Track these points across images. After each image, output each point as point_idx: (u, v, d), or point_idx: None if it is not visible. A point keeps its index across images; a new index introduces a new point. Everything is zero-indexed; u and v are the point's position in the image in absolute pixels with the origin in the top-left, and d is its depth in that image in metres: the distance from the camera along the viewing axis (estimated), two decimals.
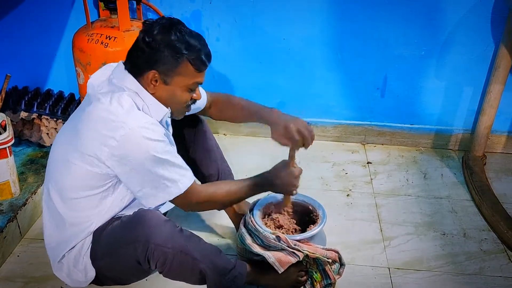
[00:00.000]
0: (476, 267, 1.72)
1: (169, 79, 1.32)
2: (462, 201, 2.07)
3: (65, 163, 1.35)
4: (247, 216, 1.61)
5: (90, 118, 1.31)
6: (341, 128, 2.48)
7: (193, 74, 1.33)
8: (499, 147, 2.44)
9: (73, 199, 1.37)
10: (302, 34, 2.28)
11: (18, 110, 2.13)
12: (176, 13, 2.27)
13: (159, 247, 1.31)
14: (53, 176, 1.41)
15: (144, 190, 1.33)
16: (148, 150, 1.27)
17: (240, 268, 1.47)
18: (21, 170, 1.97)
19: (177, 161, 1.34)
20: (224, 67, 2.39)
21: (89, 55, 1.99)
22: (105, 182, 1.35)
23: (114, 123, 1.26)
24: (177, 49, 1.28)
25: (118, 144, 1.26)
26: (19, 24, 2.35)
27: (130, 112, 1.28)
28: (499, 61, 2.10)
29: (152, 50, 1.28)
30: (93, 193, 1.36)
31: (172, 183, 1.32)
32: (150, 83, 1.32)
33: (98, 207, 1.39)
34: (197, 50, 1.31)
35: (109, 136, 1.26)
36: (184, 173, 1.35)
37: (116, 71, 1.35)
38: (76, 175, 1.34)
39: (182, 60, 1.29)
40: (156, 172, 1.29)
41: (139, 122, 1.27)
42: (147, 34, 1.29)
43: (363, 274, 1.67)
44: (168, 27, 1.29)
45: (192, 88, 1.37)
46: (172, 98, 1.36)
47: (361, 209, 2.01)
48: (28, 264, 1.67)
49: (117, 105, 1.28)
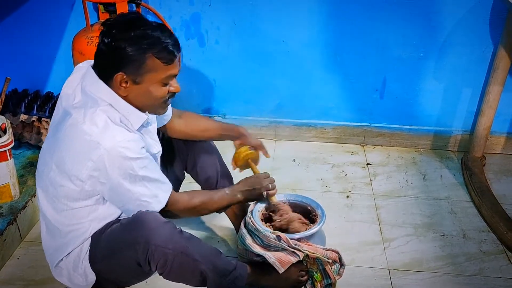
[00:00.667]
0: (475, 268, 1.72)
1: (139, 78, 1.26)
2: (461, 202, 2.07)
3: (51, 181, 1.35)
4: (247, 217, 1.61)
5: (67, 138, 1.28)
6: (340, 129, 2.48)
7: (163, 68, 1.26)
8: (498, 148, 2.44)
9: (64, 211, 1.37)
10: (301, 36, 2.29)
11: (18, 113, 2.13)
12: (175, 15, 2.27)
13: (160, 248, 1.30)
14: (42, 190, 1.41)
15: (126, 206, 1.36)
16: (125, 169, 1.27)
17: (240, 269, 1.47)
18: (21, 173, 1.97)
19: (154, 175, 1.35)
20: (223, 69, 2.40)
21: (88, 58, 1.97)
22: (92, 197, 1.35)
23: (88, 143, 1.24)
24: (139, 45, 1.21)
25: (95, 164, 1.25)
26: (19, 26, 2.35)
27: (105, 131, 1.24)
28: (497, 62, 2.11)
29: (114, 50, 1.22)
30: (83, 205, 1.36)
31: (152, 198, 1.35)
32: (120, 86, 1.27)
33: (90, 216, 1.39)
34: (161, 43, 1.23)
35: (85, 157, 1.25)
36: (162, 186, 1.37)
37: (88, 78, 1.30)
38: (63, 192, 1.34)
39: (147, 56, 1.23)
40: (135, 190, 1.31)
41: (114, 140, 1.24)
42: (106, 35, 1.23)
43: (363, 276, 1.67)
44: (126, 24, 1.23)
45: (166, 82, 1.30)
46: (147, 97, 1.30)
47: (360, 210, 2.01)
48: (28, 267, 1.67)
49: (90, 124, 1.24)
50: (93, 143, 1.24)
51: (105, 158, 1.24)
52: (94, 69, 1.30)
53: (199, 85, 2.43)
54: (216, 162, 1.73)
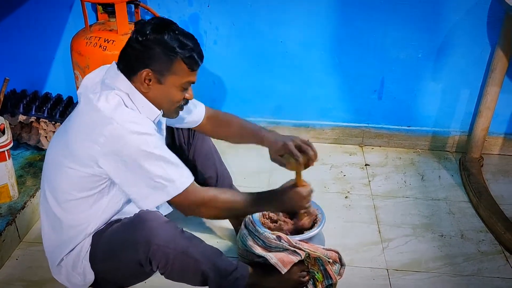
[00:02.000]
0: (474, 268, 1.73)
1: (163, 78, 1.31)
2: (459, 203, 2.08)
3: (58, 165, 1.35)
4: (247, 218, 1.61)
5: (79, 117, 1.31)
6: (338, 130, 2.48)
7: (186, 73, 1.33)
8: (496, 149, 2.45)
9: (68, 201, 1.36)
10: (300, 37, 2.29)
11: (16, 114, 2.13)
12: (174, 16, 2.28)
13: (161, 248, 1.30)
14: (48, 178, 1.41)
15: (140, 190, 1.30)
16: (138, 145, 1.25)
17: (242, 270, 1.47)
18: (20, 173, 1.96)
19: (172, 159, 1.31)
20: (222, 70, 2.40)
21: (87, 58, 1.99)
22: (99, 183, 1.34)
23: (101, 119, 1.25)
24: (171, 47, 1.28)
25: (107, 140, 1.24)
26: (18, 27, 2.35)
27: (117, 108, 1.27)
28: (495, 64, 2.12)
29: (146, 48, 1.28)
30: (88, 195, 1.35)
31: (169, 182, 1.28)
32: (144, 82, 1.31)
33: (94, 208, 1.38)
34: (190, 49, 1.31)
35: (97, 133, 1.25)
36: (182, 172, 1.32)
37: (109, 72, 1.35)
38: (69, 177, 1.33)
39: (175, 59, 1.29)
40: (150, 169, 1.26)
41: (126, 116, 1.26)
42: (140, 33, 1.28)
43: (362, 276, 1.68)
44: (161, 27, 1.29)
45: (185, 87, 1.36)
46: (165, 98, 1.35)
47: (359, 211, 2.01)
48: (27, 268, 1.67)
49: (104, 102, 1.26)
50: (105, 118, 1.24)
51: (118, 132, 1.24)
52: (119, 64, 1.34)
53: (198, 85, 2.40)
54: (215, 163, 1.73)
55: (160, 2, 2.26)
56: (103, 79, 1.34)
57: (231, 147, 1.71)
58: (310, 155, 1.45)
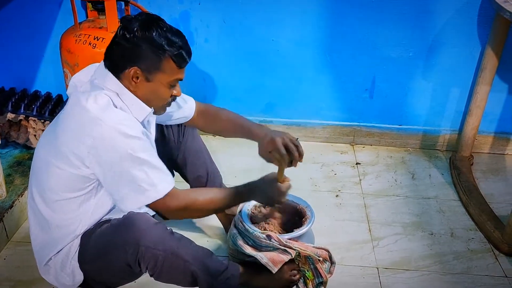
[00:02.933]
0: (463, 266, 1.73)
1: (151, 76, 1.30)
2: (449, 201, 2.09)
3: (47, 165, 1.33)
4: (236, 217, 1.61)
5: (67, 117, 1.30)
6: (330, 129, 2.49)
7: (174, 71, 1.31)
8: (486, 148, 2.46)
9: (55, 201, 1.35)
10: (291, 36, 2.29)
11: (4, 112, 2.10)
12: (164, 14, 2.26)
13: (150, 249, 1.30)
14: (36, 178, 1.39)
15: (122, 192, 1.29)
16: (124, 148, 1.24)
17: (232, 270, 1.47)
18: (8, 172, 1.95)
19: (156, 163, 1.31)
20: (213, 68, 2.39)
21: (76, 56, 1.97)
22: (87, 184, 1.33)
23: (89, 120, 1.23)
24: (159, 45, 1.26)
25: (94, 141, 1.23)
26: (6, 24, 2.32)
27: (106, 109, 1.25)
28: (485, 62, 2.13)
29: (133, 46, 1.26)
30: (76, 195, 1.34)
31: (151, 187, 1.28)
32: (132, 80, 1.29)
33: (82, 209, 1.37)
34: (179, 47, 1.28)
35: (85, 133, 1.24)
36: (164, 177, 1.32)
37: (98, 71, 1.33)
38: (57, 177, 1.32)
39: (164, 56, 1.27)
40: (134, 172, 1.26)
41: (115, 118, 1.25)
42: (127, 30, 1.26)
43: (352, 274, 1.68)
44: (148, 23, 1.27)
45: (173, 84, 1.35)
46: (153, 95, 1.33)
47: (350, 209, 2.02)
48: (15, 267, 1.66)
49: (93, 102, 1.25)
50: (94, 119, 1.23)
51: (105, 134, 1.23)
52: (105, 61, 1.32)
53: (188, 83, 2.40)
54: (206, 162, 1.73)
55: None
56: (92, 79, 1.33)
57: (222, 145, 1.71)
58: (294, 155, 1.44)
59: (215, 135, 1.69)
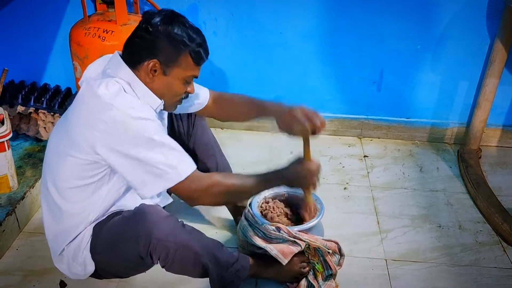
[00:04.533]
0: (471, 259, 1.74)
1: (168, 70, 1.31)
2: (457, 194, 2.09)
3: (59, 153, 1.34)
4: (246, 209, 1.62)
5: (79, 104, 1.30)
6: (337, 122, 2.49)
7: (191, 67, 1.33)
8: (494, 141, 2.46)
9: (67, 189, 1.36)
10: (299, 28, 2.29)
11: (15, 104, 2.12)
12: (173, 6, 2.20)
13: (161, 241, 1.31)
14: (49, 167, 1.41)
15: (140, 177, 1.26)
16: (139, 130, 1.23)
17: (242, 261, 1.48)
18: (19, 164, 1.96)
19: (174, 145, 1.28)
20: (221, 61, 2.39)
21: (86, 49, 1.99)
22: (99, 171, 1.33)
23: (101, 106, 1.23)
24: (180, 40, 1.28)
25: (107, 126, 1.22)
26: (16, 18, 2.34)
27: (117, 94, 1.25)
28: (494, 55, 2.12)
29: (154, 38, 1.27)
30: (87, 183, 1.35)
31: (172, 169, 1.25)
32: (150, 73, 1.30)
33: (94, 197, 1.38)
34: (198, 44, 1.31)
35: (97, 119, 1.23)
36: (184, 158, 1.29)
37: (112, 62, 1.34)
38: (69, 165, 1.32)
39: (183, 51, 1.29)
40: (151, 155, 1.23)
41: (127, 103, 1.25)
42: (149, 23, 1.28)
43: (360, 266, 1.69)
44: (170, 18, 1.29)
45: (188, 81, 1.37)
46: (168, 89, 1.34)
47: (358, 202, 2.02)
48: (27, 258, 1.68)
49: (104, 89, 1.25)
50: (105, 104, 1.23)
51: (118, 118, 1.22)
52: (123, 53, 1.33)
53: None
54: (215, 154, 1.74)
55: None
56: (105, 69, 1.34)
57: (231, 138, 1.72)
58: (316, 124, 1.42)
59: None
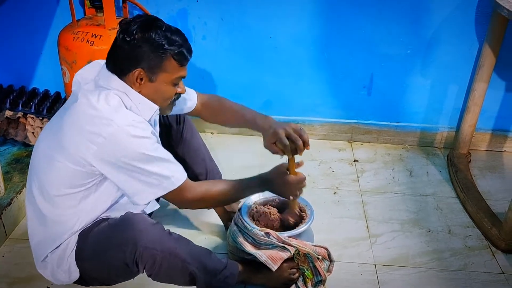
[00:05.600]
0: (460, 263, 1.74)
1: (154, 76, 1.31)
2: (447, 198, 2.10)
3: (48, 159, 1.33)
4: (236, 214, 1.61)
5: (76, 114, 1.29)
6: (327, 126, 2.49)
7: (176, 69, 1.33)
8: (483, 145, 2.47)
9: (54, 196, 1.35)
10: (289, 33, 2.29)
11: (3, 109, 2.10)
12: (162, 11, 2.26)
13: (148, 249, 1.30)
14: (35, 172, 1.39)
15: (135, 187, 1.31)
16: (137, 149, 1.26)
17: (231, 268, 1.47)
18: (6, 170, 1.95)
19: (168, 157, 1.34)
20: (210, 65, 2.39)
21: (74, 54, 1.97)
22: (88, 180, 1.33)
23: (100, 120, 1.25)
24: (160, 45, 1.28)
25: (106, 141, 1.24)
26: (4, 22, 2.32)
27: (117, 110, 1.27)
28: (483, 60, 2.13)
29: (134, 48, 1.27)
30: (75, 191, 1.34)
31: (165, 179, 1.31)
32: (136, 82, 1.31)
33: (80, 206, 1.37)
34: (179, 45, 1.31)
35: (95, 133, 1.24)
36: (176, 169, 1.35)
37: (102, 73, 1.34)
38: (58, 172, 1.32)
39: (165, 56, 1.29)
40: (147, 169, 1.28)
41: (127, 120, 1.26)
42: (126, 33, 1.27)
43: (349, 271, 1.69)
44: (147, 24, 1.28)
45: (176, 82, 1.37)
46: (158, 95, 1.35)
47: (348, 206, 2.02)
48: (14, 265, 1.66)
49: (104, 103, 1.27)
50: (105, 119, 1.24)
51: (117, 135, 1.24)
52: (107, 64, 1.33)
53: (187, 81, 2.40)
54: (205, 159, 1.73)
55: None
56: (96, 80, 1.33)
57: (220, 142, 1.71)
58: (298, 144, 1.44)
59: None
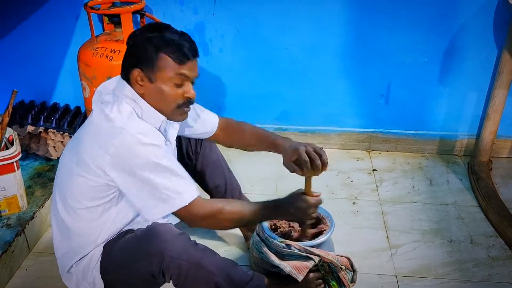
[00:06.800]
0: (484, 274, 1.71)
1: (153, 76, 1.31)
2: (468, 207, 2.06)
3: (69, 172, 1.36)
4: (257, 226, 1.61)
5: (91, 126, 1.33)
6: (345, 135, 2.48)
7: (174, 67, 1.30)
8: (505, 152, 2.43)
9: (76, 209, 1.37)
10: (305, 43, 2.29)
11: (25, 124, 2.15)
12: (179, 25, 2.28)
13: (174, 260, 1.30)
14: (59, 185, 1.41)
15: (145, 200, 1.30)
16: (147, 156, 1.26)
17: (257, 280, 1.46)
18: (28, 184, 1.98)
19: (180, 171, 1.32)
20: (228, 78, 2.41)
21: (94, 69, 2.01)
22: (107, 193, 1.34)
23: (113, 129, 1.26)
24: (154, 43, 1.29)
25: (117, 150, 1.25)
26: (25, 38, 2.37)
27: (129, 119, 1.28)
28: (502, 66, 2.11)
29: (132, 48, 1.32)
30: (96, 204, 1.36)
31: (176, 194, 1.29)
32: (137, 83, 1.32)
33: (102, 219, 1.38)
34: (176, 43, 1.30)
35: (108, 142, 1.26)
36: (188, 185, 1.33)
37: (119, 82, 1.38)
38: (79, 185, 1.34)
39: (160, 54, 1.29)
40: (158, 181, 1.27)
41: (138, 128, 1.27)
42: (130, 36, 1.34)
43: (370, 283, 1.67)
44: (150, 27, 1.33)
45: (177, 82, 1.32)
46: (160, 96, 1.33)
47: (367, 217, 2.01)
48: (37, 278, 1.68)
49: (117, 113, 1.29)
50: (116, 128, 1.26)
51: (128, 143, 1.25)
52: (121, 73, 1.38)
53: (205, 93, 2.43)
54: (224, 172, 1.74)
55: (166, 11, 2.28)
56: (113, 90, 1.37)
57: (238, 155, 1.71)
58: (316, 163, 1.43)
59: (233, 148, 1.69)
